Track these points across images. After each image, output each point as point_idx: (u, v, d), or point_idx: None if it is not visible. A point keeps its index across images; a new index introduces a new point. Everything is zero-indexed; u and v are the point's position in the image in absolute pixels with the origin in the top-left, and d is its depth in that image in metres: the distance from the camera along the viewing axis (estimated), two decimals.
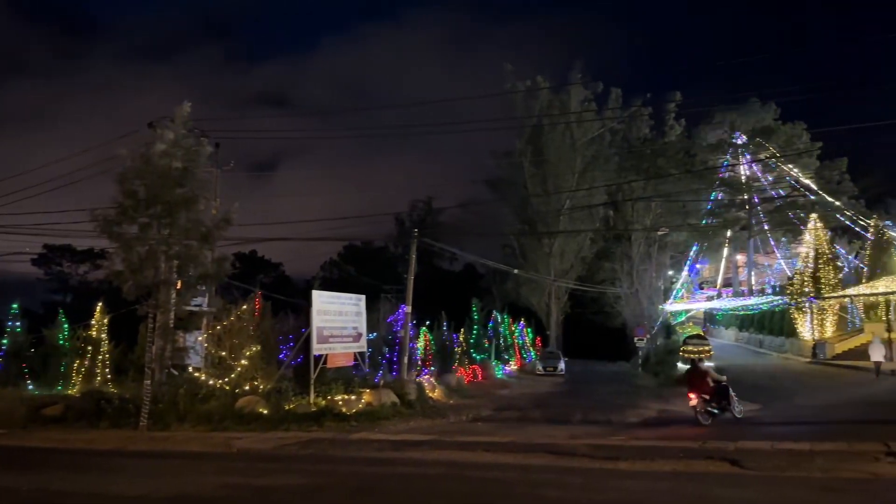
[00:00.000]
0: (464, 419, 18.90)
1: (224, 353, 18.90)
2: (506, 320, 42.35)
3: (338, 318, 19.73)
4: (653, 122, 57.66)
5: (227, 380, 18.23)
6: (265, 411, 16.71)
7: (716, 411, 16.41)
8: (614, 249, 53.18)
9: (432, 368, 26.74)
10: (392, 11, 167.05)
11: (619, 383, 35.00)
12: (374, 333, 23.91)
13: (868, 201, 57.23)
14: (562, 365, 42.00)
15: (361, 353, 21.12)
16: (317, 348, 18.28)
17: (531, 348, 48.37)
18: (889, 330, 32.90)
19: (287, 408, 17.04)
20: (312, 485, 9.65)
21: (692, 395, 16.35)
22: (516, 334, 44.41)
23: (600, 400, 25.31)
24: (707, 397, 16.35)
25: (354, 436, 14.70)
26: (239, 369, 18.49)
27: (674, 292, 61.21)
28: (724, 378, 17.22)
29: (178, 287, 16.98)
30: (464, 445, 13.00)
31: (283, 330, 20.94)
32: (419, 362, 25.99)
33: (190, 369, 19.71)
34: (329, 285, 37.32)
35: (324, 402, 17.77)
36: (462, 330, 33.35)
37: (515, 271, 45.63)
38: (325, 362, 18.74)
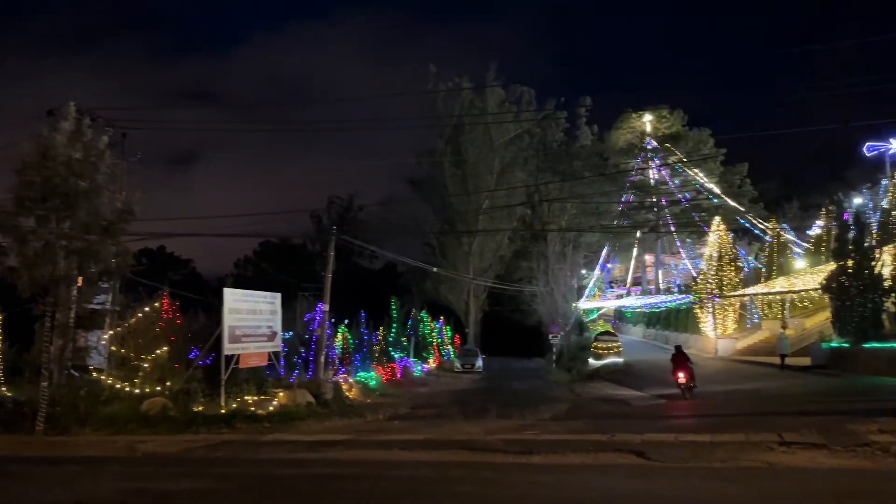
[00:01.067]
0: (381, 418, 18.79)
1: (129, 354, 18.03)
2: (425, 318, 42.49)
3: (251, 316, 19.20)
4: (567, 125, 59.34)
5: (132, 381, 17.40)
6: (173, 414, 16.04)
7: (693, 387, 20.40)
8: (531, 249, 54.29)
9: (350, 367, 26.48)
10: (324, 10, 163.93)
11: (535, 379, 35.76)
12: (290, 332, 23.43)
13: (767, 205, 60.86)
14: (479, 362, 42.54)
15: (276, 353, 20.64)
16: (228, 348, 17.73)
17: (450, 346, 48.72)
18: (784, 327, 35.06)
19: (196, 410, 16.42)
20: (218, 488, 9.33)
21: (680, 375, 20.20)
22: (435, 332, 44.62)
23: (516, 396, 25.75)
24: (688, 377, 20.22)
25: (267, 437, 14.35)
26: (145, 370, 17.69)
27: (587, 291, 63.14)
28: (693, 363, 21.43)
29: (80, 284, 16.08)
30: (380, 444, 12.93)
31: (193, 329, 20.18)
32: (336, 361, 25.67)
33: (92, 370, 18.68)
34: (244, 283, 36.30)
35: (235, 404, 17.27)
36: (381, 328, 33.20)
37: (435, 270, 45.87)
38: (237, 362, 18.20)
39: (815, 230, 48.68)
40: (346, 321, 29.01)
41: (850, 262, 25.49)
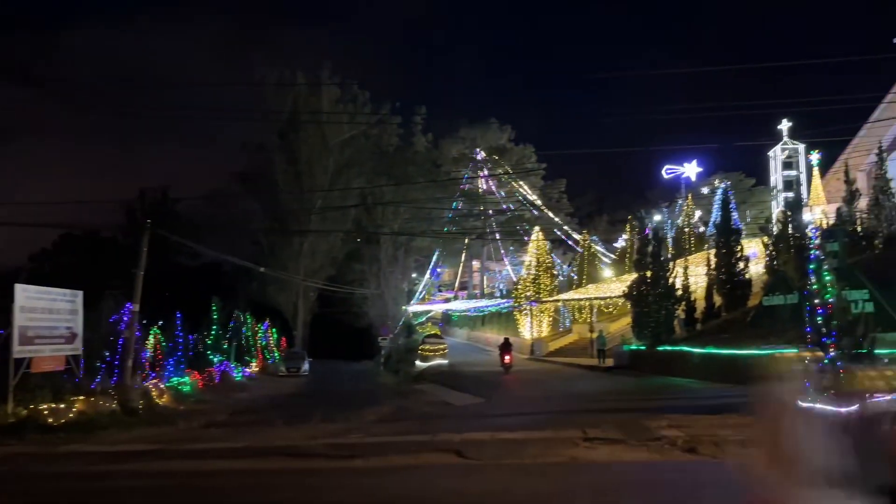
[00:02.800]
0: (195, 425, 17.70)
1: None
2: (248, 320, 40.80)
3: (47, 316, 17.31)
4: (402, 131, 60.18)
5: None
6: None
7: (511, 366, 29.96)
8: (364, 251, 54.21)
9: (162, 372, 24.68)
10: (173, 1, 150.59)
11: (362, 381, 35.66)
12: (95, 334, 21.45)
13: (580, 218, 65.93)
14: (306, 366, 41.64)
15: (76, 356, 18.76)
16: (18, 351, 15.84)
17: (275, 349, 47.23)
18: (591, 331, 38.02)
19: None
20: None
21: (506, 357, 30.55)
22: (260, 335, 43.04)
23: (342, 399, 25.50)
24: (510, 360, 30.46)
25: (63, 449, 12.97)
26: None
27: (417, 294, 64.36)
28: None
29: None
30: (193, 453, 12.18)
31: None
32: (146, 366, 23.81)
33: None
34: (41, 279, 32.49)
35: (26, 412, 15.44)
36: (200, 330, 31.39)
37: (262, 269, 44.23)
38: (28, 366, 16.30)
39: (621, 243, 53.51)
40: (161, 323, 27.05)
41: (648, 273, 28.23)
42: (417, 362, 38.52)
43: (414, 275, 63.06)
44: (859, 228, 29.14)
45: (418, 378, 33.65)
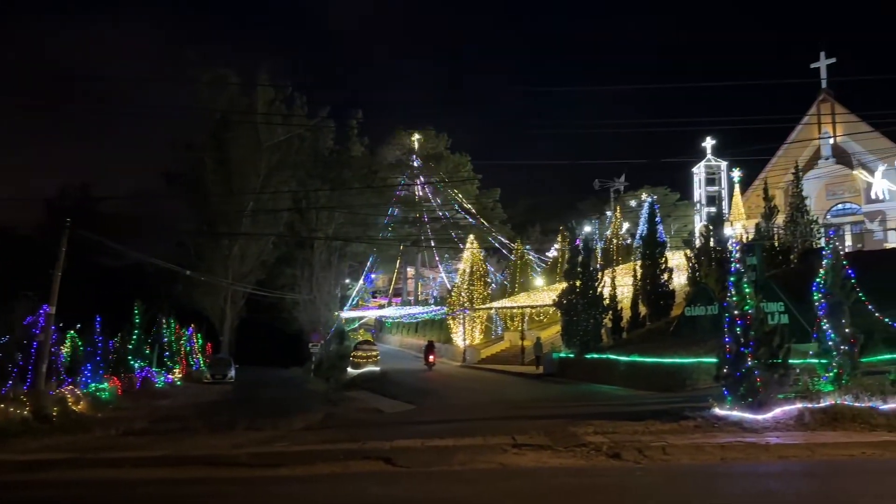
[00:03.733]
0: (113, 433, 16.97)
1: None
2: (172, 325, 39.46)
3: None
4: (337, 134, 59.62)
5: None
6: None
7: (434, 364, 35.56)
8: (296, 255, 53.27)
9: (79, 378, 23.59)
10: None
11: (291, 388, 35.02)
12: (7, 337, 20.35)
13: (514, 227, 66.85)
14: (232, 372, 40.60)
15: None
16: None
17: (200, 355, 45.83)
18: (522, 338, 38.55)
19: None
20: None
21: (430, 357, 36.91)
22: (184, 340, 41.69)
23: (269, 406, 24.97)
24: (434, 359, 35.85)
25: None
26: None
27: (350, 300, 63.75)
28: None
29: None
30: (109, 462, 11.64)
31: None
32: (62, 371, 22.71)
33: None
34: None
35: None
36: (120, 335, 30.17)
37: (189, 273, 42.85)
38: None
39: (553, 252, 54.53)
40: (79, 326, 25.88)
41: (578, 283, 28.87)
42: (349, 369, 38.17)
43: (347, 280, 62.45)
44: (776, 243, 30.66)
45: (349, 385, 33.33)
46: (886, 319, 14.74)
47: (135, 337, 31.89)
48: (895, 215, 39.01)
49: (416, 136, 67.95)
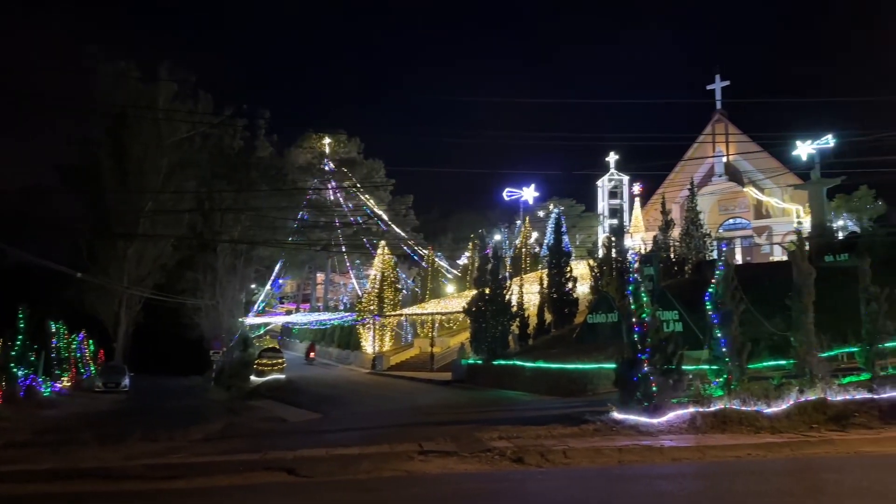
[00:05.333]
0: None
1: None
2: (61, 330, 37.06)
3: None
4: (246, 133, 57.96)
5: None
6: None
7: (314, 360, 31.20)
8: (199, 259, 51.24)
9: None
10: None
11: (190, 398, 33.67)
12: None
13: (426, 234, 67.14)
14: (126, 380, 38.58)
15: None
16: None
17: (91, 362, 43.27)
18: (432, 345, 38.69)
19: None
20: None
21: (311, 354, 39.77)
22: (74, 347, 39.25)
23: (167, 416, 23.88)
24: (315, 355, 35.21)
25: None
26: None
27: (256, 306, 61.96)
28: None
29: None
30: None
31: None
32: None
33: None
34: None
35: None
36: (2, 341, 28.04)
37: (80, 275, 40.32)
38: None
39: (464, 260, 55.14)
40: None
41: (487, 290, 29.29)
42: (252, 377, 37.09)
43: (253, 285, 60.73)
44: (672, 255, 32.26)
45: (252, 394, 32.37)
46: (772, 328, 15.73)
47: (19, 343, 29.70)
48: (781, 230, 41.96)
49: (328, 140, 67.08)
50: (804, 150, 34.86)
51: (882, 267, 15.95)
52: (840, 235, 35.06)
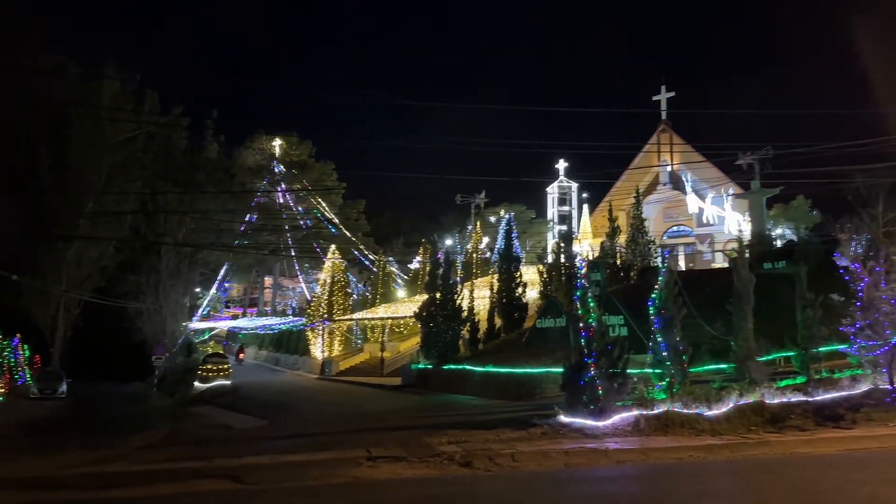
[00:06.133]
0: None
1: None
2: None
3: None
4: (191, 133, 56.59)
5: None
6: None
7: (244, 360, 33.15)
8: (141, 261, 49.68)
9: None
10: None
11: (131, 404, 32.69)
12: None
13: (377, 239, 66.79)
14: (63, 387, 37.20)
15: None
16: None
17: (26, 368, 41.55)
18: (383, 350, 38.51)
19: None
20: None
21: (241, 356, 37.10)
22: (8, 352, 37.68)
23: (106, 424, 23.12)
24: (244, 356, 31.59)
25: None
26: None
27: (200, 310, 60.53)
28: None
29: None
30: None
31: None
32: None
33: None
34: None
35: None
36: None
37: (14, 278, 38.66)
38: None
39: (415, 265, 55.06)
40: None
41: (438, 295, 29.35)
42: (196, 383, 36.25)
43: (198, 289, 59.27)
44: (619, 261, 32.92)
45: (196, 400, 31.60)
46: (713, 333, 16.23)
47: None
48: (722, 238, 43.30)
49: (278, 142, 66.18)
50: (745, 160, 36.09)
51: (817, 274, 16.65)
52: (778, 243, 36.38)
